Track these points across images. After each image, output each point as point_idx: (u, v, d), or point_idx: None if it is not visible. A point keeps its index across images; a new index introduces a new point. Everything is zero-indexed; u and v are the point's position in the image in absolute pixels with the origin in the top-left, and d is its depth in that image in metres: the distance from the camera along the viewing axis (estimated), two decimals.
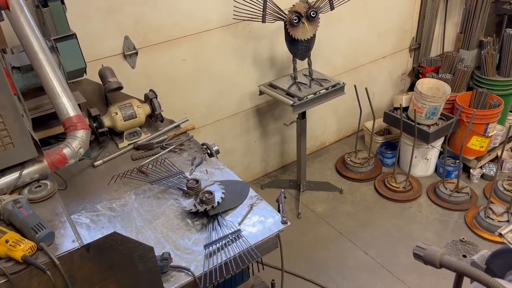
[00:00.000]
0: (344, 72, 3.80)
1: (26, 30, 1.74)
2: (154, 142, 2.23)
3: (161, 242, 1.68)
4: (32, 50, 1.74)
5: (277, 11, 2.79)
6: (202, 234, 1.71)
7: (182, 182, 1.94)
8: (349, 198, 3.58)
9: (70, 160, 1.67)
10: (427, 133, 3.37)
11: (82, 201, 1.88)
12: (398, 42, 4.04)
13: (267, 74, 3.35)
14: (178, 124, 2.40)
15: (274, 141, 3.77)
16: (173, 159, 2.13)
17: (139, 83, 2.68)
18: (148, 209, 1.85)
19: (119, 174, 2.02)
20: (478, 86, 3.72)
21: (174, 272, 1.55)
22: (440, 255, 1.15)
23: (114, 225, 1.76)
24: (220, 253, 1.62)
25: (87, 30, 2.41)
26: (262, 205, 1.84)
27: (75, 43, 2.03)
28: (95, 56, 2.47)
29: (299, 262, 3.01)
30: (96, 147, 2.24)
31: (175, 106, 2.88)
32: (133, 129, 2.30)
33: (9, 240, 1.24)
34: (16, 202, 1.39)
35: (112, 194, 1.93)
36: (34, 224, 1.30)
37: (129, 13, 2.59)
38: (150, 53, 2.76)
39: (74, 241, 1.32)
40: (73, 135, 1.71)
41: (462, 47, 4.03)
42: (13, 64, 1.93)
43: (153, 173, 2.03)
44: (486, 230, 3.08)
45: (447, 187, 3.45)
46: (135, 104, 2.29)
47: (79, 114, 1.76)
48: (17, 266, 1.21)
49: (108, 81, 2.20)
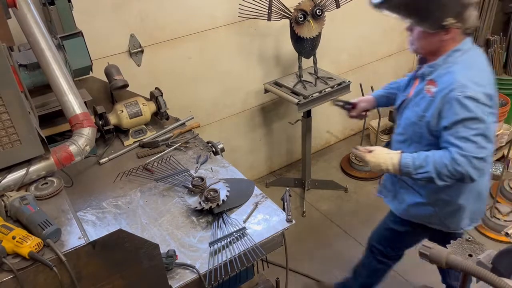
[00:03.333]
0: (349, 70, 3.79)
1: (33, 28, 1.75)
2: (159, 140, 2.24)
3: (166, 239, 1.69)
4: (39, 48, 1.75)
5: (282, 9, 2.79)
6: (207, 232, 1.72)
7: (187, 180, 1.94)
8: (354, 197, 3.57)
9: (76, 157, 1.68)
10: None
11: (88, 198, 1.89)
12: (403, 41, 4.02)
13: (272, 72, 3.35)
14: (184, 122, 2.40)
15: (279, 140, 3.77)
16: (178, 157, 2.13)
17: (144, 81, 2.69)
18: (153, 207, 1.85)
19: (124, 171, 2.02)
20: None
21: (179, 269, 1.55)
22: (446, 254, 1.15)
23: (119, 222, 1.76)
24: (225, 251, 1.62)
25: (93, 28, 2.42)
26: (267, 203, 1.84)
27: (81, 41, 2.04)
28: (101, 54, 2.48)
29: (304, 260, 3.01)
30: (102, 145, 2.25)
31: (181, 104, 2.89)
32: (138, 126, 2.31)
33: (16, 236, 1.25)
34: (23, 199, 1.40)
35: (117, 191, 1.94)
36: (40, 221, 1.31)
37: (135, 11, 2.60)
38: (156, 51, 2.77)
39: (80, 238, 1.33)
40: (79, 133, 1.71)
41: None
42: (20, 62, 1.94)
43: (158, 170, 2.04)
44: (492, 229, 3.06)
45: None
46: (141, 102, 2.29)
47: (85, 112, 1.77)
48: (24, 262, 1.22)
49: (114, 79, 2.21)
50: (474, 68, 1.73)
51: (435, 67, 1.76)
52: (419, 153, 1.77)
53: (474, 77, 1.68)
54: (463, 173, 1.67)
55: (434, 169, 1.70)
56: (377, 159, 1.81)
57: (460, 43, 1.74)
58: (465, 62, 1.72)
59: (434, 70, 1.76)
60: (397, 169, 1.78)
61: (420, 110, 1.79)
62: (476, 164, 1.65)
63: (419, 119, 1.80)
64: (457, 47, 1.73)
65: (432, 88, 1.75)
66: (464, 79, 1.67)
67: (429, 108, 1.75)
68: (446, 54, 1.74)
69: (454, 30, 1.68)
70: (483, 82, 1.70)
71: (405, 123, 1.90)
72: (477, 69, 1.74)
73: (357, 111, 2.26)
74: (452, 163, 1.66)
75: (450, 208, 1.94)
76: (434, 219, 1.99)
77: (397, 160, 1.77)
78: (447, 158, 1.67)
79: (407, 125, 1.88)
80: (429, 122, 1.76)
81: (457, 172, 1.67)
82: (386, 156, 1.80)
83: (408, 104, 1.89)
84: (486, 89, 1.68)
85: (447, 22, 1.64)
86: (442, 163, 1.68)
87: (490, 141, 1.67)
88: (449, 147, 1.69)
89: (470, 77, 1.68)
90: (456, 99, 1.65)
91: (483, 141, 1.65)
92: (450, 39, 1.71)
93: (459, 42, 1.74)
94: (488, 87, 1.70)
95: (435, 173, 1.70)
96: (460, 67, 1.71)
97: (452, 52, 1.73)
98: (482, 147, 1.65)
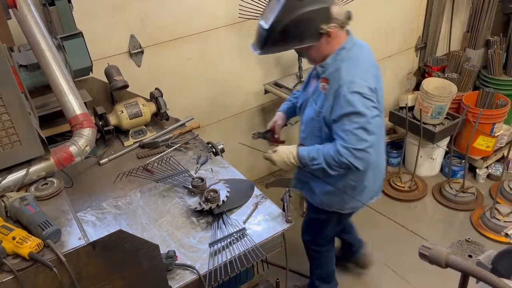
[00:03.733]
0: None
1: (33, 29, 1.75)
2: (159, 141, 2.24)
3: (166, 240, 1.69)
4: (39, 48, 1.76)
5: None
6: (207, 233, 1.72)
7: (187, 180, 1.95)
8: None
9: (77, 158, 1.68)
10: (433, 132, 3.35)
11: (88, 198, 1.89)
12: (404, 41, 4.03)
13: (272, 73, 3.35)
14: (184, 122, 2.41)
15: None
16: (179, 158, 2.13)
17: (144, 82, 2.69)
18: (153, 207, 1.85)
19: (124, 172, 2.03)
20: (485, 85, 3.70)
21: (179, 270, 1.56)
22: (446, 255, 1.15)
23: (119, 223, 1.77)
24: (225, 252, 1.63)
25: (93, 28, 2.42)
26: (267, 204, 1.85)
27: (82, 42, 2.04)
28: (101, 54, 2.48)
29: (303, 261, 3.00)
30: (102, 145, 2.25)
31: (181, 105, 2.89)
32: (138, 127, 2.31)
33: (16, 237, 1.25)
34: (23, 199, 1.40)
35: (117, 192, 1.94)
36: (40, 222, 1.31)
37: (135, 12, 2.60)
38: (156, 52, 2.77)
39: (80, 238, 1.33)
40: (79, 133, 1.72)
41: (469, 46, 4.01)
42: (20, 63, 1.94)
43: (158, 171, 2.04)
44: (492, 230, 3.06)
45: (453, 187, 3.44)
46: (141, 103, 2.30)
47: (85, 112, 1.77)
48: (24, 263, 1.22)
49: (114, 79, 2.21)
50: (359, 64, 1.86)
51: (326, 67, 1.87)
52: (313, 146, 1.93)
53: (360, 73, 1.82)
54: (348, 164, 1.81)
55: (324, 161, 1.86)
56: (280, 156, 1.97)
57: (344, 40, 1.85)
58: (351, 59, 1.84)
59: (325, 69, 1.87)
60: (297, 162, 1.94)
61: (317, 107, 1.93)
62: (357, 155, 1.79)
63: (317, 115, 1.93)
64: (342, 46, 1.84)
65: (325, 85, 1.88)
66: (351, 75, 1.80)
67: (324, 104, 1.88)
68: (334, 53, 1.85)
69: (333, 30, 1.78)
70: (367, 76, 1.83)
71: (306, 119, 2.02)
72: (362, 65, 1.87)
73: (277, 131, 2.28)
74: (336, 154, 1.82)
75: (357, 191, 2.07)
76: (345, 204, 2.13)
77: (295, 153, 1.94)
78: (333, 150, 1.83)
79: (308, 121, 2.01)
80: (325, 117, 1.89)
81: (342, 162, 1.82)
82: (287, 151, 1.96)
83: (307, 102, 2.02)
84: (370, 83, 1.81)
85: (323, 30, 1.76)
86: (329, 155, 1.84)
87: (371, 134, 1.80)
88: (336, 139, 1.84)
89: (356, 73, 1.81)
90: (343, 95, 1.78)
91: (364, 134, 1.78)
92: (334, 39, 1.82)
93: (344, 39, 1.85)
94: (371, 81, 1.83)
95: (325, 164, 1.86)
96: (347, 65, 1.82)
97: (339, 50, 1.84)
98: (363, 140, 1.79)
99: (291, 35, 1.76)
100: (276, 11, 1.73)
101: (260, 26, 1.80)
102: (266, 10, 1.83)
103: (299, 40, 1.78)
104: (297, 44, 1.80)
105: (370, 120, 1.79)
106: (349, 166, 1.82)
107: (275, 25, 1.73)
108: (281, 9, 1.71)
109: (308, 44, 1.80)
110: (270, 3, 1.81)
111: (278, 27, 1.73)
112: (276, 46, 1.82)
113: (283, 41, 1.78)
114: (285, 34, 1.75)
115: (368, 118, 1.78)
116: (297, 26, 1.73)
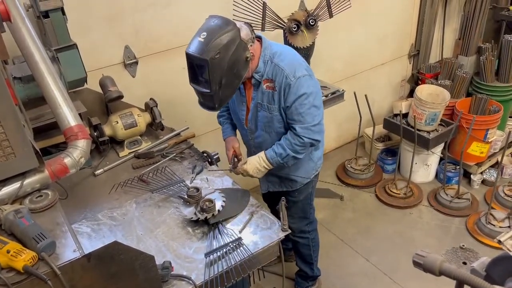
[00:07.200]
0: (343, 79, 3.82)
1: (27, 41, 1.76)
2: (154, 151, 2.24)
3: (162, 250, 1.68)
4: (33, 60, 1.76)
5: (276, 19, 2.81)
6: (203, 243, 1.72)
7: (182, 190, 1.95)
8: (350, 205, 3.57)
9: (71, 169, 1.68)
10: (427, 139, 3.37)
11: (83, 210, 1.89)
12: (397, 49, 4.06)
13: None
14: (179, 132, 2.41)
15: None
16: (174, 167, 2.14)
17: (139, 92, 2.70)
18: (149, 218, 1.85)
19: (120, 182, 2.02)
20: (478, 92, 3.73)
21: (175, 281, 1.55)
22: (439, 262, 1.15)
23: (115, 234, 1.76)
24: (221, 262, 1.62)
25: (87, 40, 2.43)
26: (262, 213, 1.85)
27: (76, 53, 2.05)
28: (95, 65, 2.49)
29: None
30: (97, 156, 2.25)
31: (176, 114, 2.89)
32: (133, 137, 2.31)
33: (11, 250, 1.24)
34: (17, 212, 1.40)
35: (113, 203, 1.94)
36: (35, 234, 1.31)
37: (129, 23, 2.61)
38: (150, 62, 2.78)
39: (75, 250, 1.33)
40: (74, 145, 1.72)
41: (461, 53, 4.05)
42: (15, 75, 1.95)
43: (153, 181, 2.04)
44: (488, 236, 3.07)
45: (448, 193, 3.45)
46: (136, 113, 2.30)
47: (80, 124, 1.77)
48: (19, 276, 1.22)
49: (109, 90, 2.22)
50: (286, 53, 2.03)
51: (260, 71, 2.00)
52: (274, 145, 2.10)
53: (292, 59, 2.01)
54: (310, 141, 2.03)
55: (291, 150, 2.04)
56: (253, 164, 2.14)
57: (261, 44, 2.00)
58: (278, 54, 2.00)
59: (262, 73, 2.00)
60: (269, 164, 2.11)
61: (269, 104, 2.05)
62: (315, 129, 2.02)
63: (270, 111, 2.06)
64: (262, 49, 2.00)
65: (270, 84, 2.01)
66: (288, 65, 1.97)
67: (274, 99, 2.02)
68: (261, 57, 1.99)
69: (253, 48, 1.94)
70: (298, 57, 2.05)
71: (262, 123, 2.13)
72: (287, 53, 2.04)
73: (239, 153, 2.30)
74: (298, 138, 2.01)
75: (315, 147, 2.24)
76: (316, 162, 2.34)
77: (265, 157, 2.11)
78: (292, 137, 2.03)
79: (265, 123, 2.12)
80: (282, 108, 2.03)
81: (305, 142, 2.02)
82: (257, 158, 2.13)
83: (256, 109, 2.11)
84: (303, 62, 2.04)
85: (248, 57, 1.90)
86: (292, 143, 2.03)
87: (319, 107, 2.03)
88: (292, 124, 2.02)
89: (290, 61, 1.99)
90: (289, 84, 1.95)
91: (315, 110, 2.00)
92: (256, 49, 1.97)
93: (260, 44, 2.01)
94: (304, 62, 2.04)
95: (293, 152, 2.05)
96: (279, 59, 1.98)
97: (263, 52, 1.99)
98: (316, 115, 2.01)
99: (230, 81, 1.89)
100: (206, 73, 1.83)
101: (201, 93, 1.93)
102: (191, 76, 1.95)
103: (238, 78, 1.92)
104: (238, 82, 1.94)
105: (316, 96, 2.00)
106: (312, 142, 2.05)
107: (213, 85, 1.86)
108: (210, 70, 1.82)
109: (245, 73, 1.94)
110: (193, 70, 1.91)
111: (217, 85, 1.86)
112: (225, 96, 1.94)
113: (227, 88, 1.91)
114: (226, 84, 1.88)
115: (314, 95, 1.98)
116: (230, 73, 1.87)
